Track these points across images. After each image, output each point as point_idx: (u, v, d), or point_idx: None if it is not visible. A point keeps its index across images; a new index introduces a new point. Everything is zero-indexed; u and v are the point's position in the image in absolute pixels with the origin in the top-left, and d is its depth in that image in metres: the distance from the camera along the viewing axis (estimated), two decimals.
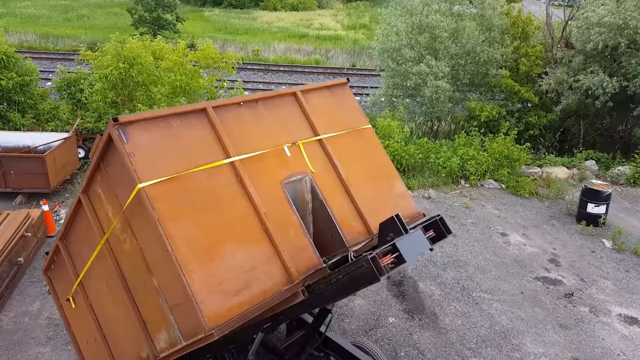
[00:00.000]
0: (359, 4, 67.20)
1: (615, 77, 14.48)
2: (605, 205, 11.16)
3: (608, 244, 10.63)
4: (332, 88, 5.29)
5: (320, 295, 3.86)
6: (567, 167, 14.31)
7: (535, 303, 8.55)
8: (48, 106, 13.16)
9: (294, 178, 4.46)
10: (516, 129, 14.55)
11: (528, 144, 14.19)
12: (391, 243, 3.55)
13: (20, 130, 12.07)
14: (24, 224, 8.55)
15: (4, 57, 12.07)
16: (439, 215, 4.02)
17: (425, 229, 3.92)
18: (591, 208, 11.17)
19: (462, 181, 13.43)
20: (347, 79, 5.47)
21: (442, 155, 13.33)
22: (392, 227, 3.78)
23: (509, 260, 9.90)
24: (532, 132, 16.15)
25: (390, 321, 7.91)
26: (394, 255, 3.53)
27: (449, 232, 3.99)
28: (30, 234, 8.57)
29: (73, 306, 5.63)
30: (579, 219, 11.40)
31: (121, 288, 4.38)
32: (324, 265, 4.08)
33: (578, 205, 11.52)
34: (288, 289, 3.87)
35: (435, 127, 16.29)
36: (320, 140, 4.81)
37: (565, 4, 19.95)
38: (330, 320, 5.66)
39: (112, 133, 3.65)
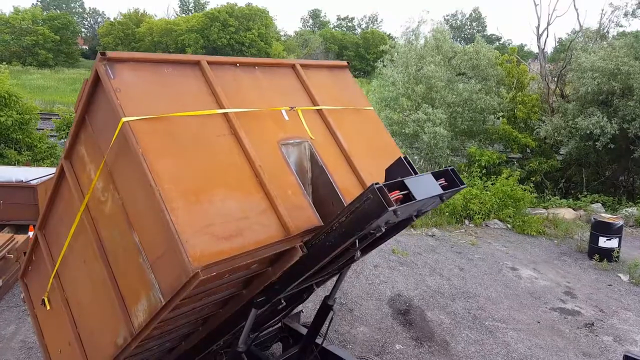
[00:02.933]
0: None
1: (614, 119, 14.54)
2: (617, 239, 10.70)
3: (625, 277, 10.06)
4: (332, 68, 5.12)
5: (320, 249, 3.44)
6: (573, 209, 13.96)
7: (554, 332, 7.88)
8: (45, 145, 13.06)
9: (292, 141, 4.16)
10: (518, 170, 14.36)
11: (532, 185, 13.94)
12: (399, 180, 3.20)
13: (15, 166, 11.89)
14: (7, 245, 8.09)
15: (5, 95, 12.12)
16: (450, 166, 3.68)
17: (436, 178, 3.56)
18: (603, 242, 10.70)
19: (466, 221, 13.03)
20: (348, 63, 5.32)
21: None
22: (400, 170, 3.44)
23: (522, 292, 9.29)
24: (534, 178, 15.98)
25: (397, 348, 7.23)
26: (402, 193, 3.16)
27: (462, 182, 3.63)
28: (12, 256, 8.08)
29: (48, 308, 5.13)
30: (590, 255, 10.88)
31: (99, 260, 3.94)
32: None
33: (589, 240, 11.06)
34: (285, 241, 3.45)
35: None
36: (320, 111, 4.55)
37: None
38: (331, 322, 5.10)
39: (98, 69, 3.40)
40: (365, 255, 4.28)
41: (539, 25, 17.04)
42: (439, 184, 3.48)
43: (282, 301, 4.21)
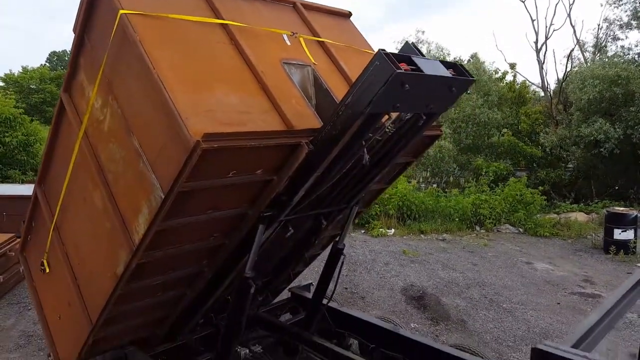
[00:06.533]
0: None
1: (617, 124, 14.51)
2: (633, 230, 10.40)
3: None
4: (333, 14, 5.12)
5: (326, 142, 3.31)
6: (586, 213, 13.68)
7: (576, 311, 7.51)
8: None
9: (295, 62, 4.11)
10: (525, 176, 14.20)
11: (541, 188, 13.74)
12: (406, 54, 3.11)
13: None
14: (9, 244, 7.93)
15: (10, 117, 12.28)
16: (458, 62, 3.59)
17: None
18: (618, 234, 10.40)
19: (477, 227, 12.75)
20: (350, 12, 5.33)
21: (452, 200, 12.84)
22: (408, 52, 3.35)
23: (539, 281, 8.94)
24: (542, 187, 15.77)
25: (412, 326, 6.88)
26: (410, 67, 3.06)
27: (471, 76, 3.53)
28: (13, 253, 7.89)
29: (47, 270, 4.93)
30: (606, 248, 10.55)
31: (99, 186, 3.79)
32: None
33: (604, 233, 10.75)
34: (290, 135, 3.34)
35: (443, 183, 15.99)
36: (322, 44, 4.53)
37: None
38: (341, 267, 4.84)
39: None
40: (377, 175, 4.07)
41: (537, 40, 17.35)
42: (449, 72, 3.37)
43: (290, 228, 4.02)
